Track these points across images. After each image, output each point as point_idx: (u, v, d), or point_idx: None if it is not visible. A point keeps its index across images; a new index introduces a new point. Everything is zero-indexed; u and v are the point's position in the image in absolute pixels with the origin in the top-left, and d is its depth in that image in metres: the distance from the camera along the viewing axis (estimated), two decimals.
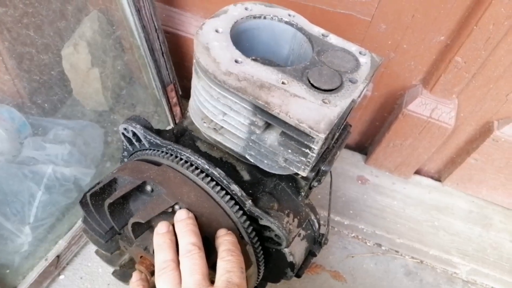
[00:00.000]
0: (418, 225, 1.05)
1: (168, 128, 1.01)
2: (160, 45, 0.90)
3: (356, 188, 1.11)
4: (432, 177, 1.16)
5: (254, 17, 0.64)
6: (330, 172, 0.85)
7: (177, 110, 1.06)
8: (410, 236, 1.03)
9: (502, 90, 0.87)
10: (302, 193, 0.67)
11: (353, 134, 1.18)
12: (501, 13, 0.72)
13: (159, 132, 0.67)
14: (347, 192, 1.10)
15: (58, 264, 0.89)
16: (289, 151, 0.54)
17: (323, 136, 0.49)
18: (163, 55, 0.92)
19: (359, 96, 0.58)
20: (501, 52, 0.80)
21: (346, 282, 0.95)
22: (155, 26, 0.86)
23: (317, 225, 0.71)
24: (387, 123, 1.04)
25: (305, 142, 0.51)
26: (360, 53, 0.62)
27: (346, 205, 1.07)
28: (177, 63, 1.05)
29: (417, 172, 1.16)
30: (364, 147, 1.20)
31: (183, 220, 0.50)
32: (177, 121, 1.08)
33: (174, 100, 1.03)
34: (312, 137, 0.50)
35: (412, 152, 1.04)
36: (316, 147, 0.51)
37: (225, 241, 0.50)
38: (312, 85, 0.55)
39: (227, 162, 0.68)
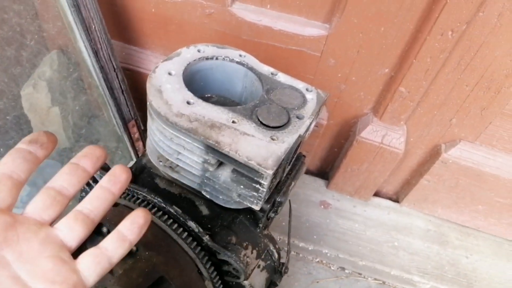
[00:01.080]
0: (379, 246, 1.09)
1: (130, 164, 1.01)
2: (120, 84, 0.92)
3: (319, 212, 1.14)
4: (390, 198, 1.21)
5: (207, 58, 0.68)
6: (289, 201, 0.88)
7: (139, 145, 1.07)
8: (372, 257, 1.06)
9: (445, 115, 0.94)
10: (260, 225, 0.69)
11: (314, 160, 1.22)
12: (436, 47, 0.79)
13: None
14: (310, 217, 1.13)
15: None
16: (242, 186, 0.57)
17: (271, 172, 0.52)
18: (122, 93, 0.94)
19: (306, 131, 0.61)
20: (440, 82, 0.86)
21: None
22: (113, 66, 0.88)
23: (276, 255, 0.73)
24: (344, 150, 1.09)
25: (255, 178, 0.54)
26: (307, 89, 0.66)
27: (309, 231, 1.09)
28: (138, 99, 1.06)
29: (376, 194, 1.21)
30: (325, 172, 1.24)
31: None
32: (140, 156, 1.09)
33: (136, 135, 1.05)
34: (261, 173, 0.53)
35: (368, 176, 1.08)
36: (265, 182, 0.54)
37: None
38: (261, 122, 0.58)
39: (186, 198, 0.69)
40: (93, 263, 0.36)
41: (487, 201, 1.06)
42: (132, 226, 0.40)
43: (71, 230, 0.37)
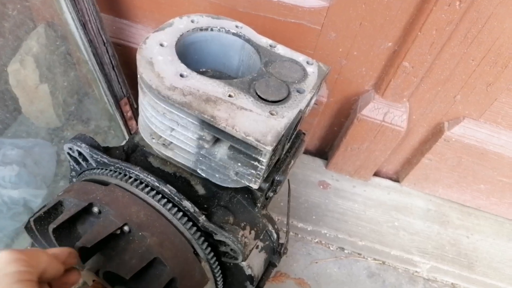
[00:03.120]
0: (379, 227, 1.07)
1: (122, 143, 0.98)
2: (110, 59, 0.88)
3: (318, 193, 1.12)
4: (390, 178, 1.19)
5: (201, 29, 0.64)
6: (288, 181, 0.85)
7: (132, 124, 1.04)
8: (372, 238, 1.04)
9: (449, 92, 0.90)
10: (259, 204, 0.67)
11: (313, 139, 1.19)
12: (442, 19, 0.75)
13: (107, 150, 0.64)
14: (309, 197, 1.10)
15: None
16: (239, 164, 0.54)
17: (270, 148, 0.49)
18: (113, 69, 0.90)
19: (307, 106, 0.58)
20: (445, 56, 0.83)
21: None
22: (103, 39, 0.84)
23: (275, 236, 0.71)
24: (344, 128, 1.06)
25: (253, 155, 0.51)
26: (307, 62, 0.62)
27: (308, 211, 1.07)
28: (130, 76, 1.02)
29: (377, 174, 1.19)
30: (324, 152, 1.22)
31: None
32: None
33: (129, 114, 1.01)
34: (260, 150, 0.50)
35: (369, 155, 1.06)
36: (264, 159, 0.51)
37: None
38: (259, 96, 0.54)
39: (181, 177, 0.66)
40: None
41: (489, 180, 1.04)
42: None
43: None
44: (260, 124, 0.51)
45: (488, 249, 1.09)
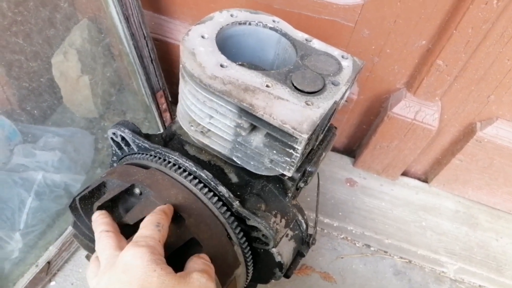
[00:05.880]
0: (406, 226, 1.07)
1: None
2: (149, 52, 0.92)
3: (345, 190, 1.13)
4: (419, 178, 1.19)
5: (240, 23, 0.66)
6: (318, 174, 0.86)
7: (167, 116, 1.07)
8: (398, 236, 1.04)
9: (483, 92, 0.90)
10: (289, 194, 0.68)
11: (341, 137, 1.20)
12: (479, 17, 0.75)
13: (148, 137, 0.68)
14: (336, 194, 1.11)
15: (49, 271, 0.89)
16: (274, 152, 0.56)
17: (305, 136, 0.50)
18: (152, 62, 0.94)
19: (341, 98, 0.60)
20: (481, 55, 0.82)
21: (335, 283, 0.96)
22: (143, 33, 0.88)
23: (304, 226, 0.72)
24: (374, 126, 1.06)
25: (289, 143, 0.53)
26: (342, 57, 0.64)
27: (335, 207, 1.08)
28: (166, 70, 1.06)
29: (404, 174, 1.18)
30: (352, 150, 1.22)
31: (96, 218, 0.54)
32: None
33: (164, 106, 1.05)
34: (296, 138, 0.51)
35: (398, 154, 1.06)
36: (299, 147, 0.52)
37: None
38: (295, 87, 0.56)
39: (215, 165, 0.69)
40: None
41: None
42: None
43: None
44: (296, 113, 0.52)
45: None
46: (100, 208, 0.57)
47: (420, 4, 0.78)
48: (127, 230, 0.56)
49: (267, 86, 0.55)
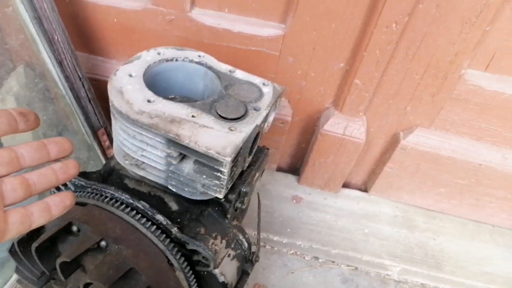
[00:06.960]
0: (350, 235, 1.13)
1: None
2: (86, 93, 0.94)
3: (292, 207, 1.18)
4: (359, 189, 1.26)
5: (167, 60, 0.71)
6: (258, 194, 0.91)
7: (111, 152, 1.09)
8: (344, 245, 1.10)
9: (400, 104, 0.99)
10: (228, 216, 0.72)
11: (284, 157, 1.26)
12: (383, 39, 0.84)
13: (84, 174, 0.70)
14: (283, 212, 1.16)
15: None
16: (204, 176, 0.60)
17: (229, 159, 0.55)
18: (90, 102, 0.96)
19: (263, 121, 0.65)
20: (391, 72, 0.92)
21: None
22: (78, 75, 0.90)
23: (246, 244, 0.76)
24: (311, 144, 1.14)
25: (215, 167, 0.57)
26: (263, 84, 0.70)
27: (283, 225, 1.13)
28: (107, 108, 1.07)
29: (346, 186, 1.26)
30: (296, 169, 1.28)
31: None
32: None
33: (107, 143, 1.06)
34: (220, 161, 0.56)
35: (335, 168, 1.13)
36: (225, 170, 0.57)
37: None
38: (219, 115, 0.61)
39: (155, 195, 0.72)
40: (19, 221, 0.40)
41: (447, 183, 1.13)
42: (60, 204, 0.45)
43: (13, 190, 0.40)
44: (220, 139, 0.57)
45: (454, 249, 1.15)
46: (38, 248, 0.58)
47: (333, 31, 0.87)
48: (66, 269, 0.57)
49: (192, 116, 0.60)
